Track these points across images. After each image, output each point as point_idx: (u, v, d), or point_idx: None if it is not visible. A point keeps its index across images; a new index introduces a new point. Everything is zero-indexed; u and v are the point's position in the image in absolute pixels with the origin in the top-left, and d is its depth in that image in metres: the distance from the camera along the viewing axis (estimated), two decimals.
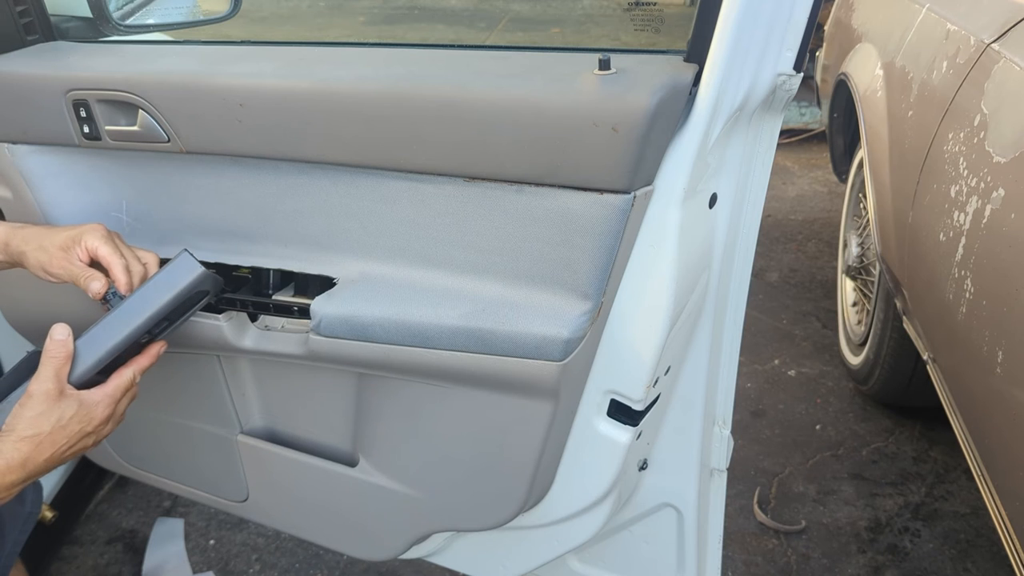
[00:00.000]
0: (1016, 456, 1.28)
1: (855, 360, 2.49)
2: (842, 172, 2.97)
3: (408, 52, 1.18)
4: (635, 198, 0.94)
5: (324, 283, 1.15)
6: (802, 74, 1.01)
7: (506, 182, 0.99)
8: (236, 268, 1.21)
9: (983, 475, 1.43)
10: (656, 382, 1.10)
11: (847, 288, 2.74)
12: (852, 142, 2.81)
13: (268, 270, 1.20)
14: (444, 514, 1.27)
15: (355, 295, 1.11)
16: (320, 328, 1.11)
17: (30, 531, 1.31)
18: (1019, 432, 1.26)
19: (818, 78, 3.25)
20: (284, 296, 1.19)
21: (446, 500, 1.25)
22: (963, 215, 1.49)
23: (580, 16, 7.60)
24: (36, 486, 1.36)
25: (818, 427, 2.38)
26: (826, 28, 3.18)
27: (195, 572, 1.91)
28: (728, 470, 1.35)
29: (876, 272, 2.31)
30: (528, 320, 1.02)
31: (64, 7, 1.40)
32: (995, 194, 1.38)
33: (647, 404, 1.12)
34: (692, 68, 0.94)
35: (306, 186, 1.12)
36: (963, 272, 1.47)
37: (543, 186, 0.97)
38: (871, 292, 2.39)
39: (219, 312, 1.21)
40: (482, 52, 1.14)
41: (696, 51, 0.94)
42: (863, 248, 2.56)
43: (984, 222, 1.41)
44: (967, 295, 1.45)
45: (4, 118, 1.21)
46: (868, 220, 2.34)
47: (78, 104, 1.15)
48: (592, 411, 1.14)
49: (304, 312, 1.15)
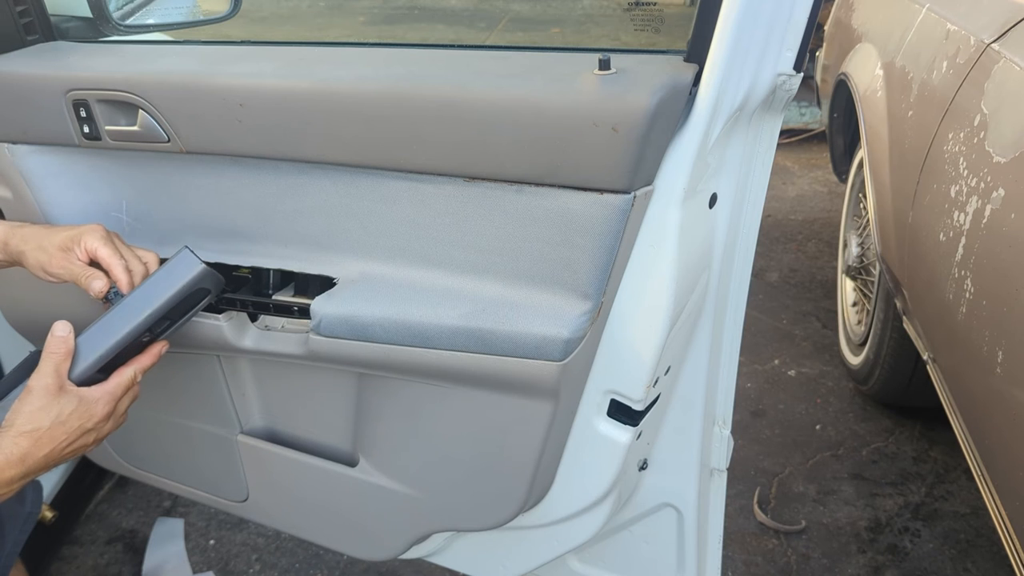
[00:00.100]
0: (1016, 456, 1.28)
1: (855, 360, 2.49)
2: (842, 172, 2.97)
3: (408, 52, 1.18)
4: (635, 198, 0.94)
5: (324, 283, 1.15)
6: (802, 74, 1.01)
7: (506, 182, 0.99)
8: (236, 268, 1.21)
9: (983, 475, 1.43)
10: (656, 382, 1.10)
11: (847, 288, 2.74)
12: (852, 142, 2.81)
13: (268, 270, 1.20)
14: (444, 514, 1.27)
15: (355, 295, 1.11)
16: (320, 328, 1.11)
17: (30, 531, 1.31)
18: (1019, 432, 1.26)
19: (818, 78, 3.24)
20: (284, 296, 1.19)
21: (446, 500, 1.25)
22: (963, 215, 1.49)
23: (580, 16, 7.60)
24: (36, 486, 1.36)
25: (818, 427, 2.38)
26: (826, 28, 3.17)
27: (195, 572, 1.91)
28: (728, 470, 1.35)
29: (876, 272, 2.31)
30: (528, 320, 1.02)
31: (64, 7, 1.40)
32: (995, 194, 1.38)
33: (647, 404, 1.12)
34: (692, 68, 0.94)
35: (306, 186, 1.12)
36: (963, 272, 1.47)
37: (543, 186, 0.97)
38: (871, 292, 2.39)
39: (219, 312, 1.21)
40: (482, 52, 1.14)
41: (696, 51, 0.94)
42: (863, 248, 2.56)
43: (984, 222, 1.41)
44: (967, 295, 1.45)
45: (4, 118, 1.21)
46: (868, 220, 2.34)
47: (78, 104, 1.15)
48: (592, 411, 1.14)
49: (304, 312, 1.15)
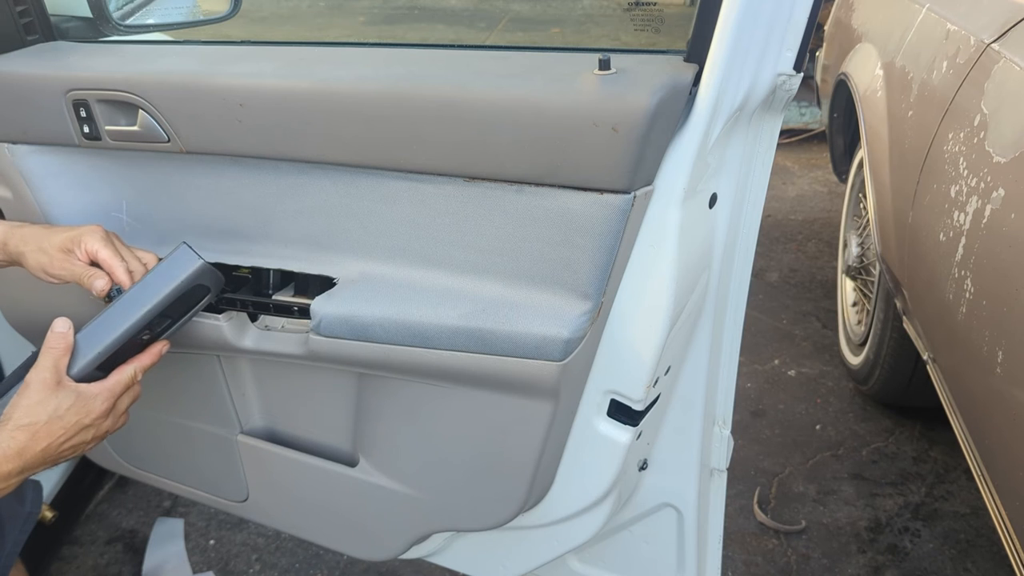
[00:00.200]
0: (1016, 456, 1.28)
1: (855, 360, 2.49)
2: (842, 172, 2.97)
3: (408, 52, 1.18)
4: (635, 198, 0.94)
5: (324, 283, 1.15)
6: (802, 74, 1.01)
7: (506, 182, 0.99)
8: (236, 268, 1.21)
9: (983, 475, 1.43)
10: (656, 382, 1.10)
11: (847, 288, 2.74)
12: (852, 142, 2.81)
13: (268, 270, 1.20)
14: (444, 514, 1.27)
15: (355, 295, 1.11)
16: (320, 328, 1.11)
17: (30, 531, 1.31)
18: (1019, 432, 1.26)
19: (818, 78, 3.24)
20: (284, 296, 1.19)
21: (446, 500, 1.25)
22: (963, 215, 1.49)
23: (580, 16, 7.60)
24: (36, 486, 1.36)
25: (818, 427, 2.38)
26: (826, 28, 3.17)
27: (195, 572, 1.91)
28: (728, 470, 1.35)
29: (876, 272, 2.31)
30: (528, 320, 1.02)
31: (64, 7, 1.40)
32: (995, 194, 1.38)
33: (647, 404, 1.12)
34: (692, 68, 0.94)
35: (306, 186, 1.12)
36: (963, 272, 1.47)
37: (543, 186, 0.97)
38: (871, 292, 2.39)
39: (219, 312, 1.21)
40: (482, 52, 1.14)
41: (696, 51, 0.94)
42: (863, 248, 2.56)
43: (984, 222, 1.41)
44: (967, 295, 1.45)
45: (4, 118, 1.21)
46: (868, 220, 2.34)
47: (78, 104, 1.15)
48: (592, 411, 1.13)
49: (304, 312, 1.15)
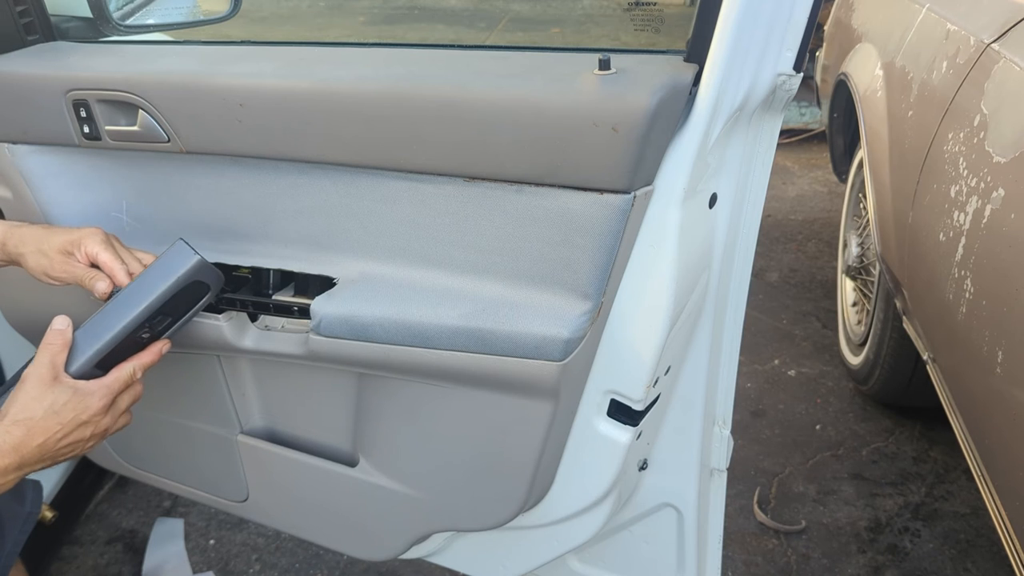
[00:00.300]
0: (1016, 456, 1.28)
1: (855, 360, 2.49)
2: (842, 172, 2.97)
3: (408, 52, 1.18)
4: (635, 198, 0.94)
5: (324, 283, 1.15)
6: (802, 74, 1.01)
7: (506, 182, 0.99)
8: (236, 268, 1.21)
9: (983, 475, 1.43)
10: (656, 382, 1.10)
11: (847, 288, 2.74)
12: (852, 142, 2.81)
13: (268, 270, 1.20)
14: (444, 514, 1.27)
15: (355, 295, 1.11)
16: (320, 328, 1.11)
17: (30, 531, 1.31)
18: (1019, 432, 1.26)
19: (818, 78, 3.24)
20: (284, 296, 1.19)
21: (446, 500, 1.25)
22: (963, 215, 1.49)
23: (580, 16, 7.60)
24: (36, 486, 1.36)
25: (818, 427, 2.38)
26: (826, 28, 3.17)
27: (195, 572, 1.91)
28: (728, 470, 1.35)
29: (876, 272, 2.31)
30: (528, 320, 1.02)
31: (64, 7, 1.40)
32: (995, 194, 1.38)
33: (647, 404, 1.12)
34: (692, 68, 0.94)
35: (306, 186, 1.12)
36: (963, 272, 1.47)
37: (543, 186, 0.97)
38: (871, 292, 2.39)
39: (219, 312, 1.21)
40: (482, 52, 1.14)
41: (696, 51, 0.94)
42: (863, 248, 2.56)
43: (984, 222, 1.41)
44: (967, 295, 1.45)
45: (4, 118, 1.21)
46: (868, 220, 2.34)
47: (78, 104, 1.15)
48: (592, 411, 1.13)
49: (304, 312, 1.15)
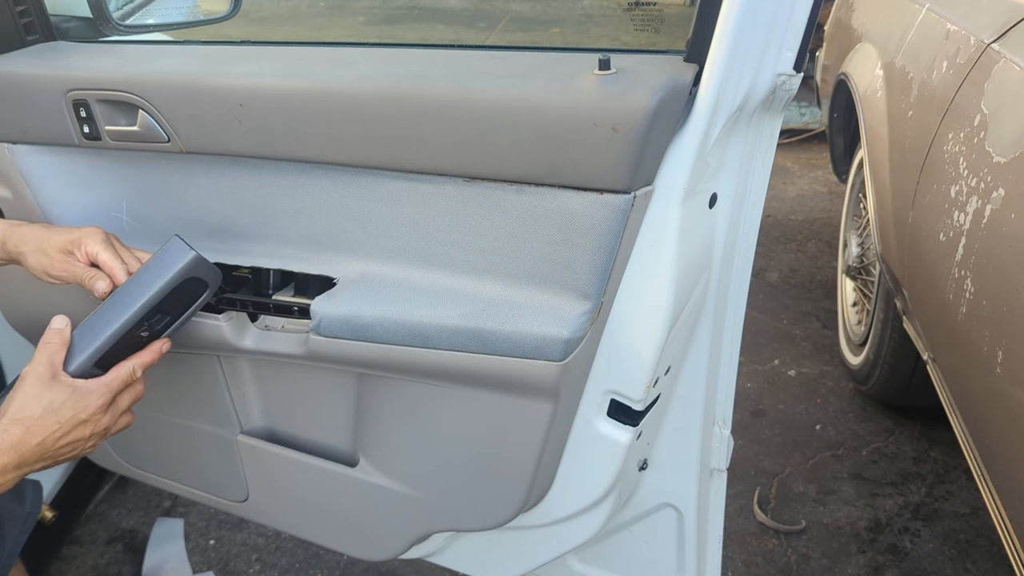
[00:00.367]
0: (1016, 456, 1.28)
1: (855, 360, 2.49)
2: (842, 172, 2.97)
3: (408, 52, 1.18)
4: (635, 198, 0.94)
5: (324, 283, 1.15)
6: (802, 74, 1.01)
7: (506, 182, 0.99)
8: (236, 268, 1.21)
9: (983, 475, 1.43)
10: (656, 382, 1.10)
11: (847, 288, 2.74)
12: (852, 142, 2.81)
13: (268, 270, 1.20)
14: (444, 514, 1.27)
15: (355, 295, 1.11)
16: (320, 328, 1.11)
17: (30, 531, 1.31)
18: (1019, 432, 1.26)
19: (818, 78, 3.24)
20: (284, 296, 1.19)
21: (446, 500, 1.25)
22: (963, 215, 1.49)
23: (580, 16, 7.60)
24: (36, 486, 1.36)
25: (818, 427, 2.38)
26: (826, 28, 3.17)
27: (195, 572, 1.91)
28: (728, 470, 1.35)
29: (876, 272, 2.31)
30: (528, 320, 1.02)
31: (64, 7, 1.40)
32: (995, 194, 1.38)
33: (647, 404, 1.12)
34: (692, 68, 0.94)
35: (306, 186, 1.12)
36: (963, 272, 1.47)
37: (543, 186, 0.97)
38: (871, 292, 2.39)
39: (219, 312, 1.21)
40: (482, 52, 1.14)
41: (696, 51, 0.94)
42: (863, 248, 2.56)
43: (984, 222, 1.41)
44: (967, 295, 1.45)
45: (4, 118, 1.21)
46: (868, 220, 2.34)
47: (78, 104, 1.15)
48: (592, 411, 1.13)
49: (304, 312, 1.15)
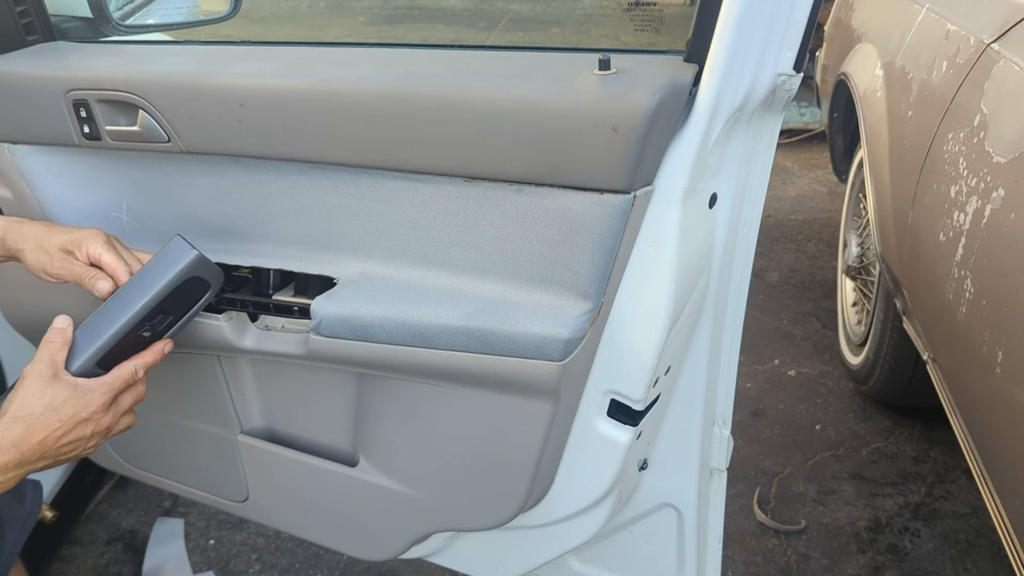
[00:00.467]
0: (1016, 456, 1.28)
1: (855, 360, 2.49)
2: (842, 172, 2.97)
3: (408, 52, 1.18)
4: (635, 198, 0.94)
5: (324, 283, 1.15)
6: (802, 74, 1.01)
7: (506, 182, 0.99)
8: (236, 268, 1.21)
9: (983, 475, 1.43)
10: (656, 382, 1.10)
11: (847, 288, 2.74)
12: (852, 142, 2.81)
13: (268, 270, 1.20)
14: (444, 514, 1.27)
15: (355, 295, 1.11)
16: (320, 328, 1.11)
17: (30, 531, 1.31)
18: (1019, 432, 1.26)
19: (818, 78, 3.24)
20: (284, 296, 1.19)
21: (446, 500, 1.25)
22: (963, 215, 1.49)
23: (580, 16, 7.60)
24: (36, 486, 1.36)
25: (818, 427, 2.38)
26: (826, 28, 3.17)
27: (195, 572, 1.91)
28: (728, 470, 1.35)
29: (876, 272, 2.31)
30: (528, 320, 1.02)
31: (64, 7, 1.40)
32: (995, 194, 1.38)
33: (647, 404, 1.12)
34: (692, 68, 0.94)
35: (306, 186, 1.12)
36: (963, 272, 1.47)
37: (543, 186, 0.97)
38: (871, 292, 2.39)
39: (219, 312, 1.21)
40: (482, 52, 1.14)
41: (696, 51, 0.94)
42: (863, 248, 2.56)
43: (984, 222, 1.41)
44: (967, 295, 1.45)
45: (4, 118, 1.21)
46: (868, 220, 2.34)
47: (78, 104, 1.15)
48: (592, 411, 1.13)
49: (304, 312, 1.15)
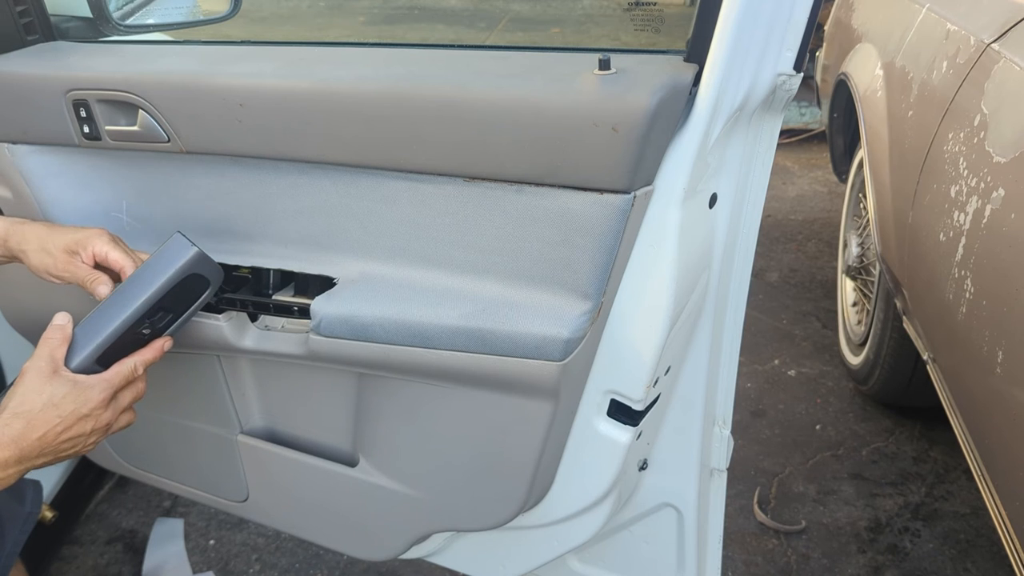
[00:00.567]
0: (1016, 456, 1.28)
1: (855, 360, 2.49)
2: (842, 172, 2.97)
3: (408, 52, 1.18)
4: (635, 198, 0.94)
5: (324, 283, 1.15)
6: (802, 74, 1.01)
7: (506, 182, 0.99)
8: (236, 268, 1.21)
9: (983, 475, 1.43)
10: (656, 382, 1.10)
11: (847, 288, 2.74)
12: (852, 142, 2.81)
13: (268, 270, 1.20)
14: (444, 514, 1.27)
15: (355, 295, 1.11)
16: (320, 328, 1.11)
17: (30, 531, 1.31)
18: (1019, 432, 1.26)
19: (818, 78, 3.24)
20: (284, 296, 1.19)
21: (446, 500, 1.25)
22: (963, 215, 1.49)
23: (580, 16, 7.60)
24: (36, 486, 1.36)
25: (818, 427, 2.38)
26: (826, 28, 3.17)
27: (195, 572, 1.91)
28: (728, 470, 1.35)
29: (876, 272, 2.31)
30: (528, 320, 1.02)
31: (64, 7, 1.40)
32: (995, 194, 1.38)
33: (647, 404, 1.12)
34: (692, 68, 0.94)
35: (306, 186, 1.12)
36: (963, 272, 1.47)
37: (543, 186, 0.97)
38: (871, 292, 2.39)
39: (219, 312, 1.21)
40: (482, 52, 1.14)
41: (696, 51, 0.94)
42: (863, 248, 2.56)
43: (984, 222, 1.41)
44: (967, 295, 1.45)
45: (4, 118, 1.21)
46: (868, 220, 2.34)
47: (78, 104, 1.15)
48: (592, 411, 1.13)
49: (304, 312, 1.15)
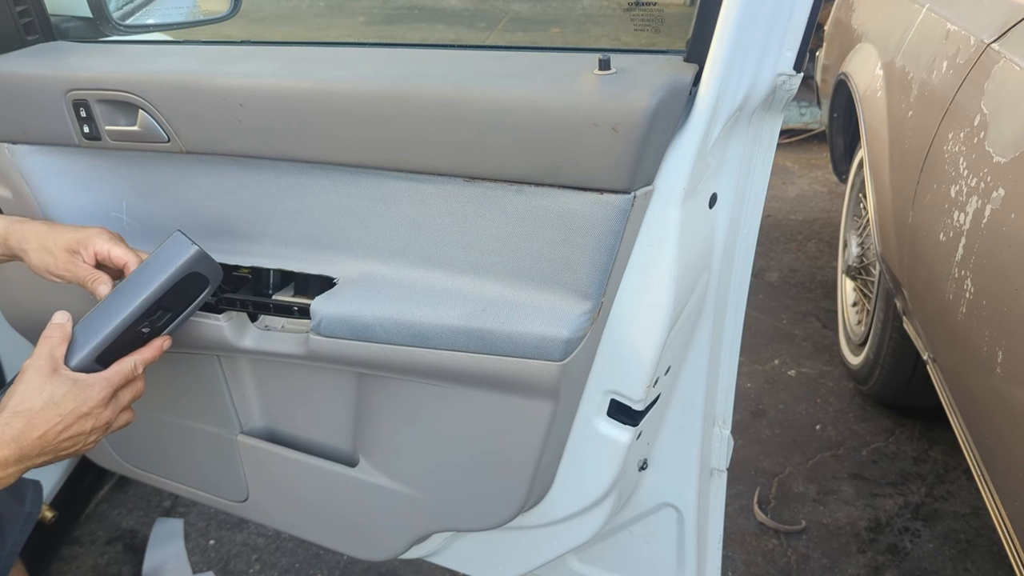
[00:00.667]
0: (1016, 456, 1.28)
1: (855, 360, 2.49)
2: (842, 172, 2.97)
3: (408, 52, 1.18)
4: (635, 198, 0.94)
5: (324, 283, 1.15)
6: (802, 74, 1.01)
7: (506, 182, 0.99)
8: (236, 268, 1.21)
9: (983, 475, 1.43)
10: (656, 382, 1.10)
11: (847, 288, 2.74)
12: (852, 142, 2.81)
13: (268, 270, 1.20)
14: (444, 514, 1.27)
15: (355, 295, 1.11)
16: (320, 328, 1.11)
17: (30, 531, 1.31)
18: (1019, 432, 1.26)
19: (818, 78, 3.25)
20: (284, 296, 1.20)
21: (446, 500, 1.25)
22: (963, 215, 1.49)
23: (580, 16, 7.60)
24: (36, 486, 1.36)
25: (818, 427, 2.38)
26: (826, 28, 3.18)
27: (195, 572, 1.91)
28: (728, 470, 1.35)
29: (876, 272, 2.31)
30: (528, 320, 1.02)
31: (64, 7, 1.40)
32: (995, 194, 1.38)
33: (647, 404, 1.12)
34: (692, 68, 0.94)
35: (306, 186, 1.12)
36: (963, 272, 1.47)
37: (543, 186, 0.97)
38: (871, 292, 2.39)
39: (219, 312, 1.21)
40: (482, 52, 1.14)
41: (696, 51, 0.94)
42: (863, 248, 2.56)
43: (984, 222, 1.41)
44: (967, 295, 1.45)
45: (4, 118, 1.21)
46: (868, 220, 2.34)
47: (78, 104, 1.15)
48: (592, 411, 1.14)
49: (304, 312, 1.15)
